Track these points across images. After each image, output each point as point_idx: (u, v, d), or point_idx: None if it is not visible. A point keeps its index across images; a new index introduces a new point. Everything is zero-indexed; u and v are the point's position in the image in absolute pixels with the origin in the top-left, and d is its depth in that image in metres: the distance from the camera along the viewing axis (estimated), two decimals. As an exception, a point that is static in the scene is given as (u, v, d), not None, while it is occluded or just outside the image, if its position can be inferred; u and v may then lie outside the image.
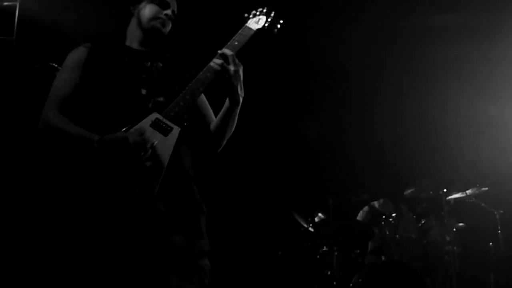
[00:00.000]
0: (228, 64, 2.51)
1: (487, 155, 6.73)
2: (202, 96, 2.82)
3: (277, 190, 7.45)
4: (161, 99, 2.61)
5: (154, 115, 2.45)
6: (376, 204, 6.94)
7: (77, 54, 2.75)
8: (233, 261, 6.52)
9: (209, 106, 2.88)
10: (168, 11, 2.85)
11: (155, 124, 2.43)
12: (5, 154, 5.07)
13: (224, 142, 2.82)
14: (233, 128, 2.78)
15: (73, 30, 5.39)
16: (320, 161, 7.60)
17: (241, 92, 2.61)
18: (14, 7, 5.80)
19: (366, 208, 6.93)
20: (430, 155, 7.16)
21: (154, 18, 2.82)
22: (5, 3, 5.81)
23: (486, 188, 6.24)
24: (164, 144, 2.42)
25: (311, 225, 6.72)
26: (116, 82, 2.62)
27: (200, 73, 2.57)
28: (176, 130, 2.45)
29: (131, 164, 2.34)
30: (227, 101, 2.65)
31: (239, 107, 2.66)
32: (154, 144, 2.39)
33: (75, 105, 2.64)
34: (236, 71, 2.53)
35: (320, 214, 6.77)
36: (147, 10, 2.83)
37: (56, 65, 3.41)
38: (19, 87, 5.03)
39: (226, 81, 2.54)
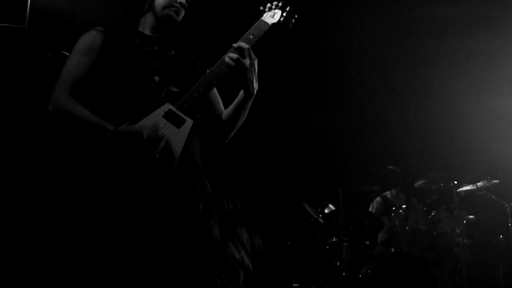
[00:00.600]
0: (244, 57, 2.50)
1: (498, 147, 6.75)
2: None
3: (287, 181, 7.48)
4: (174, 88, 2.59)
5: (167, 106, 2.44)
6: (388, 194, 6.99)
7: (89, 38, 2.71)
8: None
9: (219, 97, 2.87)
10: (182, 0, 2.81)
11: (168, 115, 2.42)
12: (14, 142, 5.11)
13: (233, 133, 2.81)
14: (243, 120, 2.77)
15: (85, 18, 5.40)
16: (331, 152, 7.66)
17: (255, 85, 2.60)
18: None
19: (378, 198, 6.98)
20: (441, 147, 7.19)
21: (168, 6, 2.76)
22: None
23: (497, 181, 6.25)
24: (177, 137, 2.41)
25: (321, 215, 6.74)
26: (129, 68, 2.60)
27: (215, 65, 2.55)
28: (189, 122, 2.43)
29: (143, 157, 2.33)
30: (241, 93, 2.64)
31: (252, 99, 2.66)
32: (167, 137, 2.38)
33: (87, 90, 2.62)
34: (252, 65, 2.53)
35: (330, 205, 6.81)
36: None
37: (67, 53, 3.41)
38: (31, 75, 5.05)
39: (242, 74, 2.53)
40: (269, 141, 7.61)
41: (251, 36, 2.63)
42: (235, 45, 2.54)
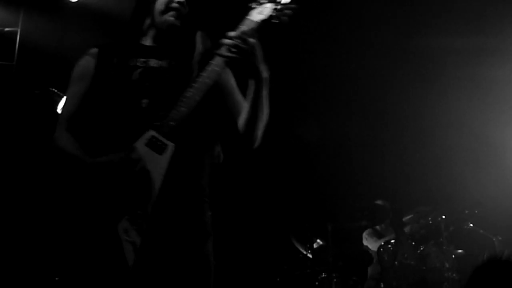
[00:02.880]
0: (242, 42, 2.31)
1: (486, 181, 6.75)
2: (230, 85, 2.61)
3: (275, 217, 7.44)
4: (162, 111, 2.44)
5: (150, 133, 2.34)
6: (378, 228, 7.00)
7: (81, 65, 2.67)
8: (233, 286, 6.53)
9: (236, 99, 2.62)
10: None
11: (151, 143, 2.33)
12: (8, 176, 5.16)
13: (260, 132, 2.56)
14: (266, 114, 2.52)
15: (74, 55, 5.47)
16: (319, 187, 7.64)
17: (264, 68, 2.40)
18: (15, 33, 5.93)
19: (369, 230, 6.99)
20: (429, 182, 7.18)
21: (166, 10, 2.63)
22: (6, 29, 5.94)
23: (484, 215, 6.23)
24: (158, 164, 2.32)
25: (309, 251, 6.72)
26: (118, 94, 2.53)
27: (198, 79, 2.39)
28: (170, 147, 2.32)
29: (122, 189, 2.29)
30: (251, 82, 2.44)
31: (267, 86, 2.45)
32: (146, 166, 2.30)
33: (80, 120, 2.61)
34: (253, 47, 2.33)
35: (318, 240, 6.78)
36: (158, 2, 2.64)
37: (56, 90, 3.44)
38: (19, 111, 5.09)
39: (245, 61, 2.36)
40: (257, 177, 7.57)
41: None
42: (219, 52, 2.36)
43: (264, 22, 2.42)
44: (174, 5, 2.61)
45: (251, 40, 2.32)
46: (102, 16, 5.85)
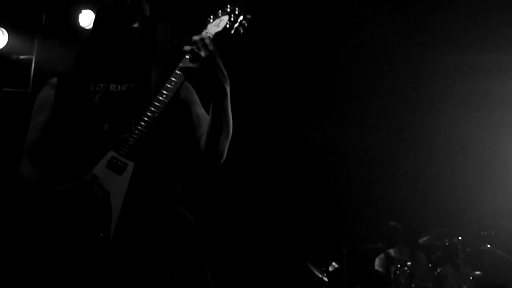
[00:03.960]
0: (199, 49, 2.27)
1: (503, 201, 6.73)
2: (189, 99, 2.61)
3: (291, 241, 7.45)
4: (124, 133, 2.43)
5: (110, 154, 2.35)
6: (391, 252, 6.92)
7: (42, 95, 2.66)
8: None
9: (198, 113, 2.61)
10: (135, 24, 2.63)
11: (111, 164, 2.34)
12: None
13: (224, 148, 2.49)
14: (230, 128, 2.48)
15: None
16: (333, 210, 7.63)
17: (223, 78, 2.32)
18: (30, 61, 6.04)
19: (382, 255, 6.93)
20: (445, 203, 7.15)
21: (122, 36, 2.60)
22: (22, 57, 6.06)
23: (502, 236, 6.24)
24: (118, 185, 2.32)
25: (325, 274, 6.69)
26: (78, 120, 2.52)
27: (158, 96, 2.38)
28: (130, 165, 2.32)
29: (81, 213, 2.28)
30: (213, 94, 2.38)
31: (228, 98, 2.40)
32: (106, 188, 2.31)
33: (42, 150, 2.59)
34: (211, 55, 2.27)
35: (334, 263, 6.76)
36: (114, 28, 2.61)
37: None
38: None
39: (203, 70, 2.29)
40: (272, 200, 7.61)
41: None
42: (180, 65, 2.34)
43: (218, 35, 2.41)
44: (130, 30, 2.59)
45: (210, 47, 2.27)
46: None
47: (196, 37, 2.29)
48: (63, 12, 6.27)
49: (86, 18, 6.14)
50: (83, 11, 6.17)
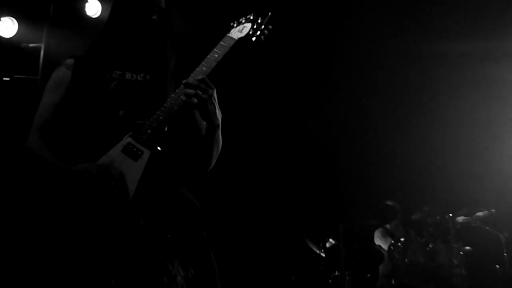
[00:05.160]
0: (201, 91, 2.40)
1: (491, 180, 6.79)
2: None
3: (289, 218, 7.52)
4: (139, 120, 2.51)
5: (127, 139, 2.40)
6: (388, 226, 7.04)
7: (57, 75, 2.68)
8: (249, 286, 6.67)
9: (200, 119, 2.67)
10: (154, 16, 2.67)
11: (127, 149, 2.38)
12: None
13: (212, 162, 2.69)
14: (219, 148, 2.65)
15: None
16: (330, 188, 7.70)
17: (219, 114, 2.51)
18: (39, 49, 6.02)
19: (381, 229, 7.01)
20: (437, 182, 7.21)
21: (140, 26, 2.66)
22: (31, 45, 6.03)
23: (491, 212, 6.32)
24: (133, 170, 2.37)
25: (322, 250, 6.80)
26: (94, 104, 2.56)
27: (177, 90, 2.46)
28: (146, 153, 2.37)
29: (97, 194, 2.32)
30: (206, 125, 2.54)
31: (219, 130, 2.55)
32: (122, 172, 2.35)
33: (54, 129, 2.60)
34: (211, 96, 2.43)
35: (331, 240, 6.83)
36: (132, 18, 2.68)
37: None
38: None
39: (202, 108, 2.44)
40: (273, 179, 7.66)
41: (216, 55, 2.54)
42: (183, 82, 2.43)
43: (241, 40, 2.61)
44: (148, 22, 2.64)
45: (210, 90, 2.41)
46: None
47: (191, 82, 2.39)
48: (70, 1, 6.21)
49: (93, 8, 6.13)
50: (89, 0, 6.17)
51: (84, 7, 6.16)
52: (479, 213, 6.39)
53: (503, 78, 6.85)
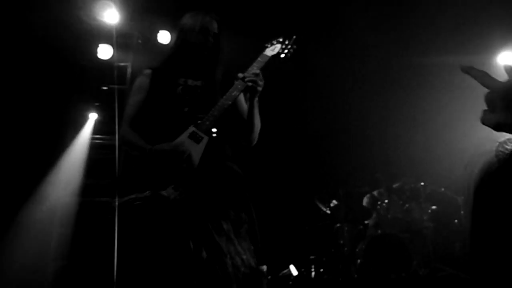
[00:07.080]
0: (261, 80, 2.76)
1: (455, 157, 6.83)
2: (239, 99, 2.93)
3: (303, 185, 8.24)
4: (200, 114, 2.76)
5: (191, 128, 2.68)
6: (375, 193, 7.73)
7: (139, 81, 2.97)
8: (272, 232, 6.59)
9: (244, 108, 2.96)
10: (210, 39, 2.93)
11: (192, 135, 2.66)
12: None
13: (256, 135, 2.94)
14: (259, 123, 2.92)
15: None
16: (334, 164, 8.29)
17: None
18: (127, 67, 6.88)
19: (368, 195, 7.70)
20: (415, 159, 7.64)
21: (199, 43, 2.98)
22: (121, 64, 6.88)
23: (452, 180, 6.98)
24: (196, 150, 2.63)
25: (328, 209, 7.70)
26: (166, 103, 2.80)
27: (228, 92, 2.76)
28: (205, 139, 2.66)
29: (172, 165, 2.58)
30: (249, 103, 2.86)
31: (257, 97, 2.83)
32: (189, 151, 2.61)
33: (139, 121, 2.86)
34: (261, 84, 2.78)
35: (334, 201, 7.64)
36: (193, 36, 2.98)
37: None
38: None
39: (255, 92, 2.78)
40: (291, 157, 8.32)
41: (255, 67, 2.87)
42: (240, 75, 2.78)
43: (274, 57, 3.00)
44: (206, 43, 2.95)
45: (261, 81, 2.79)
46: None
47: (254, 71, 2.81)
48: (148, 33, 6.93)
49: (163, 37, 6.88)
50: (160, 31, 6.88)
51: (157, 37, 6.91)
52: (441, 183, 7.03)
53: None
